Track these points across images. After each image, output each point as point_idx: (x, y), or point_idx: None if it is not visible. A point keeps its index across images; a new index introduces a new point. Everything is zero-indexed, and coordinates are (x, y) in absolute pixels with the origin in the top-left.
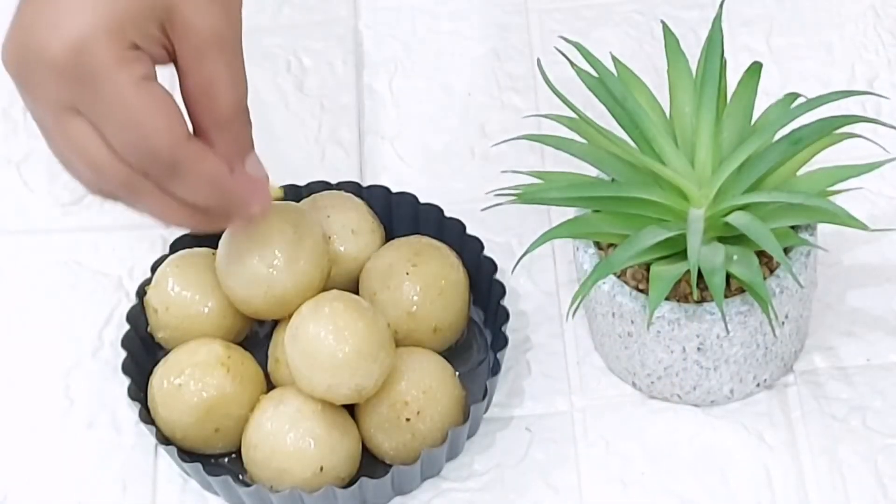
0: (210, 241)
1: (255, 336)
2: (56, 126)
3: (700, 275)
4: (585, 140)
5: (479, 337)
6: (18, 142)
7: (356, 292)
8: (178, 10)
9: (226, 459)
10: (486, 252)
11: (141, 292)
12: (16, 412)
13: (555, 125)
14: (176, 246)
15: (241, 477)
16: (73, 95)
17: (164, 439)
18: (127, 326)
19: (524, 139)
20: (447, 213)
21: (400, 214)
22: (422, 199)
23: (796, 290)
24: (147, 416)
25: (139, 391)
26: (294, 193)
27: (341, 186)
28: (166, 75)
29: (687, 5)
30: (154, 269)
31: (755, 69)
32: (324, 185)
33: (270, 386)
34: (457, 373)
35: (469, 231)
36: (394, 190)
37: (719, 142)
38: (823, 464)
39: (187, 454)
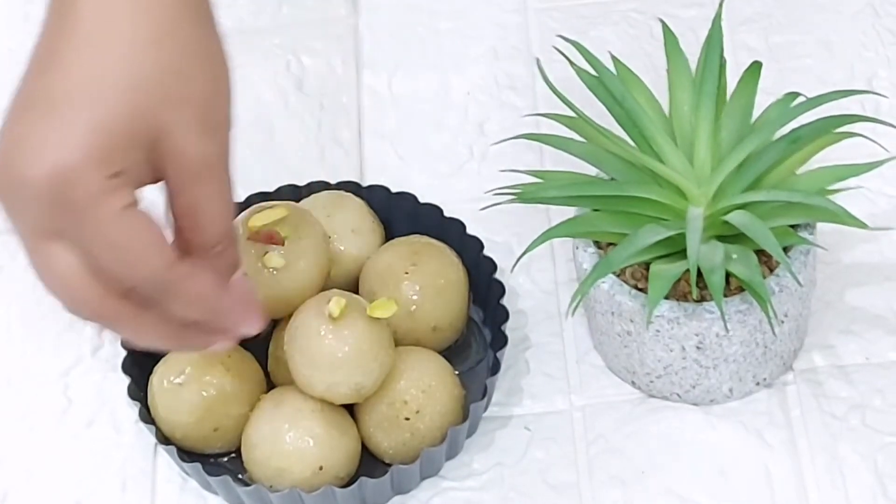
0: None
1: (255, 335)
2: (34, 250)
3: (699, 273)
4: (584, 139)
5: (478, 336)
6: None
7: (356, 292)
8: (168, 136)
9: (225, 459)
10: (486, 251)
11: None
12: (15, 411)
13: (554, 124)
14: None
15: (240, 476)
16: (55, 222)
17: (163, 439)
18: None
19: (523, 138)
20: (447, 213)
21: (400, 214)
22: (422, 199)
23: (795, 289)
24: (147, 416)
25: (139, 390)
26: (294, 193)
27: (341, 186)
28: None
29: (686, 4)
30: None
31: (755, 68)
32: (324, 185)
33: (270, 385)
34: (456, 372)
35: (469, 231)
36: (394, 190)
37: (718, 141)
38: (823, 462)
39: (187, 454)
